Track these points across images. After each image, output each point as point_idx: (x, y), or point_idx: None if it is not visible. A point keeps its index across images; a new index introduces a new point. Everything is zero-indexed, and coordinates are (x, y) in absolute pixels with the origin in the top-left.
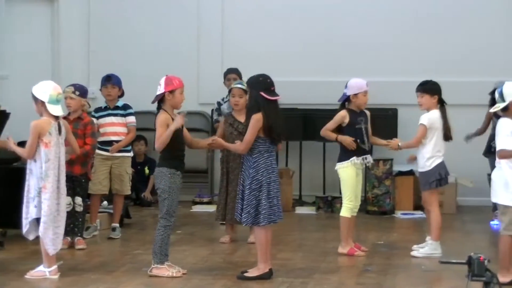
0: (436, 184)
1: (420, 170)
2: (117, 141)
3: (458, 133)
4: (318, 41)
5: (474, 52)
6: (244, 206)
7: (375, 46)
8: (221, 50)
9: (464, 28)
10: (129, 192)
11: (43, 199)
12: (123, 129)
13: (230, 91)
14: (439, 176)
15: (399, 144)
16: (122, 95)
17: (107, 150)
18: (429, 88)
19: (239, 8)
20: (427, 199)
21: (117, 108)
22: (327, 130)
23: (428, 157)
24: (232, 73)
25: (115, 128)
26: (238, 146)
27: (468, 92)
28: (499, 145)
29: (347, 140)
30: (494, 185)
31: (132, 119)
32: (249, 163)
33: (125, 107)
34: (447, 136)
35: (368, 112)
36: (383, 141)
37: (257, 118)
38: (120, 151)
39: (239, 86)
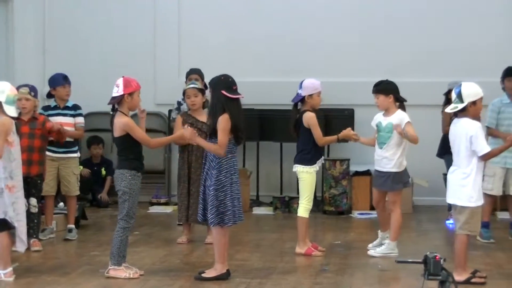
0: (408, 184)
1: (393, 170)
2: (64, 142)
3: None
4: (275, 42)
5: (429, 53)
6: (209, 207)
7: (331, 47)
8: (178, 51)
9: (419, 30)
10: (77, 193)
11: (15, 198)
12: (71, 130)
13: (184, 93)
14: (409, 177)
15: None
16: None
17: (54, 151)
18: (383, 88)
19: (195, 9)
20: (394, 199)
21: (66, 108)
22: (322, 138)
23: (403, 157)
24: (193, 74)
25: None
26: (215, 150)
27: (423, 93)
28: (484, 148)
29: (349, 133)
30: (452, 186)
31: (81, 120)
32: (213, 163)
33: (75, 107)
34: None
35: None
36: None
37: (225, 119)
38: (66, 152)
39: (192, 86)
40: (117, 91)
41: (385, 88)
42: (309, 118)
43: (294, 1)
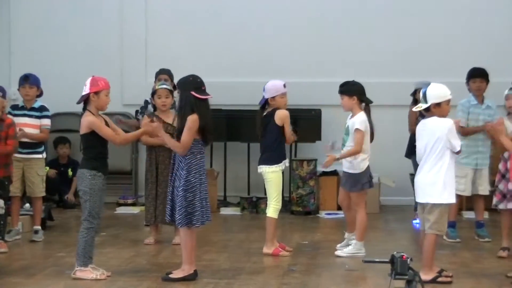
0: (368, 185)
1: (351, 171)
2: (28, 143)
3: (380, 133)
4: (242, 42)
5: (396, 54)
6: (177, 208)
7: (299, 47)
8: (145, 51)
9: (386, 30)
10: (42, 194)
11: None
12: (35, 131)
13: (154, 92)
14: (370, 178)
15: (337, 156)
16: (40, 95)
17: (18, 152)
18: (347, 89)
19: (162, 8)
20: (357, 200)
21: (33, 109)
22: (291, 136)
23: (362, 158)
24: (163, 74)
25: (27, 129)
26: (176, 147)
27: (390, 93)
28: (458, 146)
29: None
30: (421, 185)
31: (46, 121)
32: (182, 164)
33: (41, 109)
34: (371, 137)
35: None
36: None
37: (193, 119)
38: (30, 153)
39: (165, 86)
40: (85, 90)
41: (349, 89)
42: (285, 117)
43: (260, 2)
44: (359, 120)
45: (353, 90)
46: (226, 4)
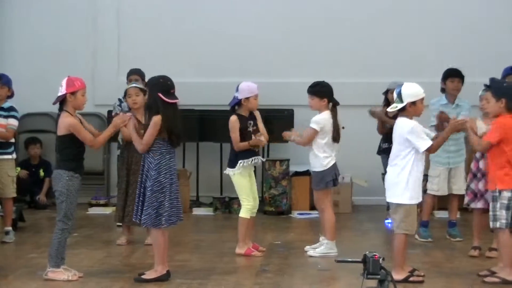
0: (332, 184)
1: (316, 170)
2: None
3: (352, 133)
4: (214, 42)
5: (366, 54)
6: (144, 208)
7: (272, 48)
8: (117, 51)
9: (355, 31)
10: (13, 195)
11: None
12: (1, 130)
13: (125, 92)
14: (334, 176)
15: (292, 136)
16: (11, 95)
17: None
18: (317, 90)
19: (134, 8)
20: (321, 199)
21: (1, 109)
22: (238, 143)
23: (324, 157)
24: (134, 75)
25: None
26: (138, 144)
27: (362, 93)
28: (425, 143)
29: (256, 141)
30: (387, 184)
31: (13, 121)
32: (152, 164)
33: (10, 109)
34: (334, 138)
35: (257, 112)
36: (253, 140)
37: (156, 120)
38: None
39: (134, 85)
40: (61, 90)
41: (320, 91)
42: (230, 122)
43: (233, 2)
44: (317, 118)
45: (323, 92)
46: (198, 4)
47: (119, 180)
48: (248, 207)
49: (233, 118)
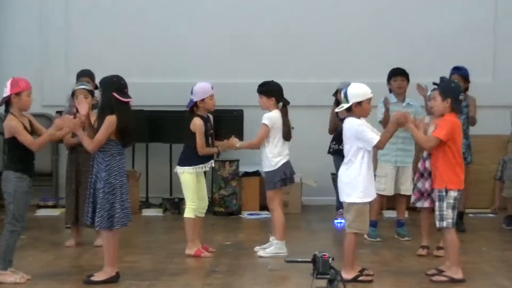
0: (280, 184)
1: (266, 169)
2: None
3: (302, 134)
4: (164, 43)
5: (315, 54)
6: (97, 210)
7: (220, 49)
8: (65, 52)
9: (305, 31)
10: None
11: None
12: None
13: (73, 93)
14: (284, 176)
15: (238, 144)
16: None
17: None
18: (266, 90)
19: (84, 7)
20: (271, 199)
21: None
22: (203, 147)
23: (273, 156)
24: (84, 76)
25: None
26: (89, 144)
27: (311, 93)
28: (372, 139)
29: (226, 144)
30: (340, 184)
31: None
32: (102, 166)
33: None
34: (285, 136)
35: (211, 116)
36: (221, 142)
37: (111, 120)
38: None
39: (82, 87)
40: (5, 91)
41: (268, 90)
42: (196, 125)
43: (183, 3)
44: (268, 116)
45: (272, 91)
46: (147, 5)
47: (68, 182)
48: (192, 207)
49: (198, 121)
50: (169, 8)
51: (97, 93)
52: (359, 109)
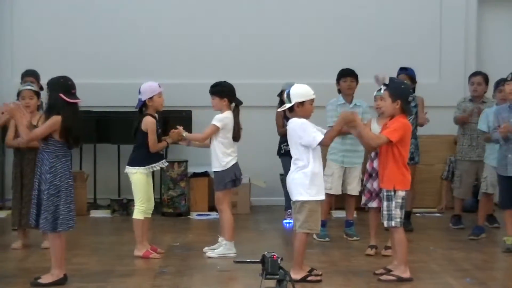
0: (231, 185)
1: (215, 170)
2: None
3: (251, 134)
4: (111, 43)
5: (264, 55)
6: (42, 212)
7: (169, 49)
8: (11, 52)
9: (253, 31)
10: None
11: None
12: None
13: (19, 94)
14: (234, 177)
15: (184, 134)
16: None
17: None
18: (218, 90)
19: (29, 7)
20: (220, 199)
21: None
22: (155, 145)
23: (224, 156)
24: (29, 76)
25: None
26: (26, 134)
27: (259, 94)
28: (315, 137)
29: (173, 134)
30: (291, 184)
31: None
32: (46, 167)
33: None
34: (235, 137)
35: (156, 115)
36: (168, 135)
37: (54, 120)
38: None
39: (29, 87)
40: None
41: (220, 91)
42: (148, 123)
43: (130, 2)
44: (220, 117)
45: (224, 91)
46: (95, 4)
47: (14, 183)
48: (142, 208)
49: (149, 119)
50: (118, 7)
51: (43, 94)
52: (301, 109)
